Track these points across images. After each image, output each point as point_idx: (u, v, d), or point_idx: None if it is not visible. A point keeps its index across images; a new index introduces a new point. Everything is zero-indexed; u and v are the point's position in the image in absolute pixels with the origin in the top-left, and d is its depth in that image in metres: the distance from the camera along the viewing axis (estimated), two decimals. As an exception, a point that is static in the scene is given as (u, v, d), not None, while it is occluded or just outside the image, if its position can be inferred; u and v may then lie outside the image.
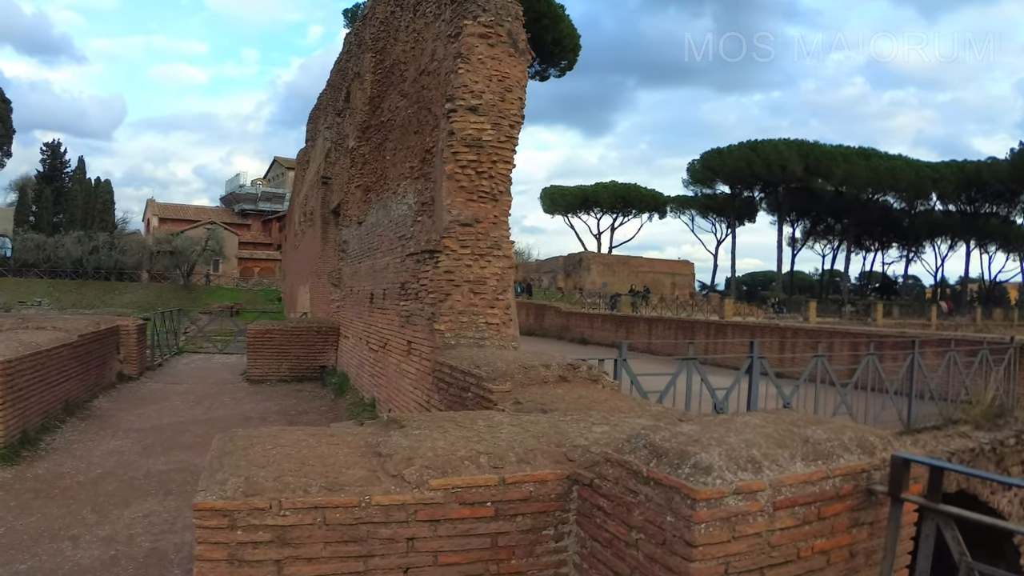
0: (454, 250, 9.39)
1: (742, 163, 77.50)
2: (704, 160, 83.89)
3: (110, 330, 15.78)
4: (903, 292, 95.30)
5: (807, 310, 51.92)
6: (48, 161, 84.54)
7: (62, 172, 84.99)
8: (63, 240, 70.73)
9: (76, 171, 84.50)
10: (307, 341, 17.50)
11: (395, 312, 11.46)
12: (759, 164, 76.18)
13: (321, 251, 24.37)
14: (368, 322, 13.82)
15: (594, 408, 5.90)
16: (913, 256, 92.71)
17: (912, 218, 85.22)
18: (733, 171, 79.38)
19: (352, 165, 17.29)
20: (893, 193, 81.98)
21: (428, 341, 9.38)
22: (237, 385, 16.99)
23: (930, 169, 78.90)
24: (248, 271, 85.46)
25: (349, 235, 17.23)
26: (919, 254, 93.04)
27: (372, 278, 13.72)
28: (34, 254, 70.23)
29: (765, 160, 75.84)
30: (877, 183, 78.47)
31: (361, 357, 14.31)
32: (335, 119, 24.24)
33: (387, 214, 12.99)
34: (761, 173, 77.21)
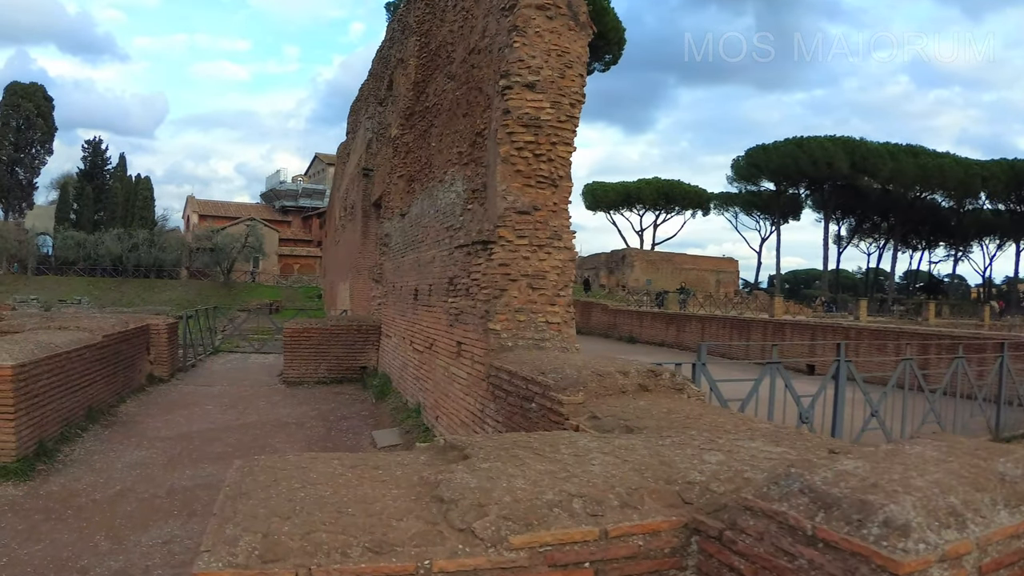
0: (510, 241, 8.42)
1: (788, 160, 75.79)
2: (749, 156, 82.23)
3: (139, 330, 14.99)
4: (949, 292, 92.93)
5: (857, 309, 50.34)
6: (89, 158, 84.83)
7: (103, 169, 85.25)
8: (103, 238, 70.85)
9: (117, 168, 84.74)
10: (347, 341, 16.63)
11: (442, 310, 10.49)
12: (805, 161, 74.41)
13: (362, 246, 23.50)
14: (412, 320, 12.87)
15: (691, 426, 4.88)
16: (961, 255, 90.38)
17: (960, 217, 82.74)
18: (778, 168, 77.69)
19: (395, 154, 16.40)
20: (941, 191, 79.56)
21: (481, 342, 8.39)
22: (273, 387, 16.14)
23: (979, 167, 76.44)
24: (288, 268, 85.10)
25: (391, 228, 16.31)
26: (967, 253, 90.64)
27: (417, 273, 12.76)
28: (74, 252, 70.42)
29: (811, 157, 74.06)
30: (925, 181, 76.21)
31: (404, 358, 13.36)
32: (377, 109, 23.43)
33: (433, 204, 12.04)
34: (807, 170, 75.46)
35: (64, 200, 79.45)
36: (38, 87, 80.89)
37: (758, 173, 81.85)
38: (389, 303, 15.88)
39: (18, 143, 78.40)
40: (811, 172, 75.72)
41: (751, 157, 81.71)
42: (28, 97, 78.67)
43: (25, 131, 78.71)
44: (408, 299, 13.39)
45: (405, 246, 14.29)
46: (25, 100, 78.13)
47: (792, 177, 78.84)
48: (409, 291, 13.34)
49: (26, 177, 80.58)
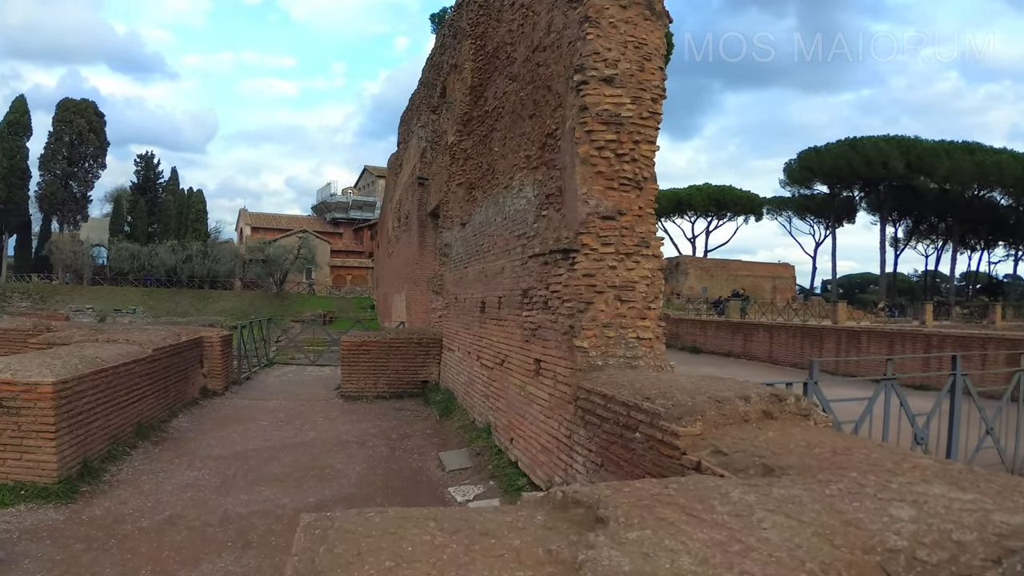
0: (594, 249, 7.69)
1: (841, 161, 74.05)
2: (801, 159, 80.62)
3: (192, 342, 14.46)
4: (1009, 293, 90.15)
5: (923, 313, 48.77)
6: (142, 172, 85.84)
7: (156, 183, 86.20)
8: (157, 249, 71.59)
9: (169, 182, 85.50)
10: (406, 354, 15.97)
11: (515, 324, 9.77)
12: (859, 162, 72.57)
13: (418, 256, 22.90)
14: (479, 334, 12.17)
15: (844, 464, 4.09)
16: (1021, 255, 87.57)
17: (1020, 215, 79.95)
18: (832, 170, 75.96)
19: (452, 162, 15.76)
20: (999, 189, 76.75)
21: (566, 361, 7.65)
22: (331, 402, 15.52)
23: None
24: (340, 279, 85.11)
25: (451, 238, 15.65)
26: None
27: (483, 284, 12.07)
28: (129, 263, 71.21)
29: (865, 158, 72.15)
30: (982, 179, 73.42)
31: (471, 374, 12.66)
32: (430, 117, 22.91)
33: (499, 211, 11.35)
34: (861, 171, 73.52)
35: (118, 213, 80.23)
36: (89, 103, 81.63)
37: (811, 176, 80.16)
38: (451, 315, 15.21)
39: (71, 158, 79.06)
40: (865, 173, 73.85)
41: (804, 160, 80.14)
42: (80, 113, 79.41)
43: (78, 146, 79.31)
44: (473, 312, 12.71)
45: (468, 256, 13.62)
46: (77, 116, 78.87)
47: (846, 179, 77.08)
48: (474, 303, 12.65)
49: (80, 191, 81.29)
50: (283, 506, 8.32)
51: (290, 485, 9.22)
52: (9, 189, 71.99)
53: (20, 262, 76.68)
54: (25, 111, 75.84)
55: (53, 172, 78.03)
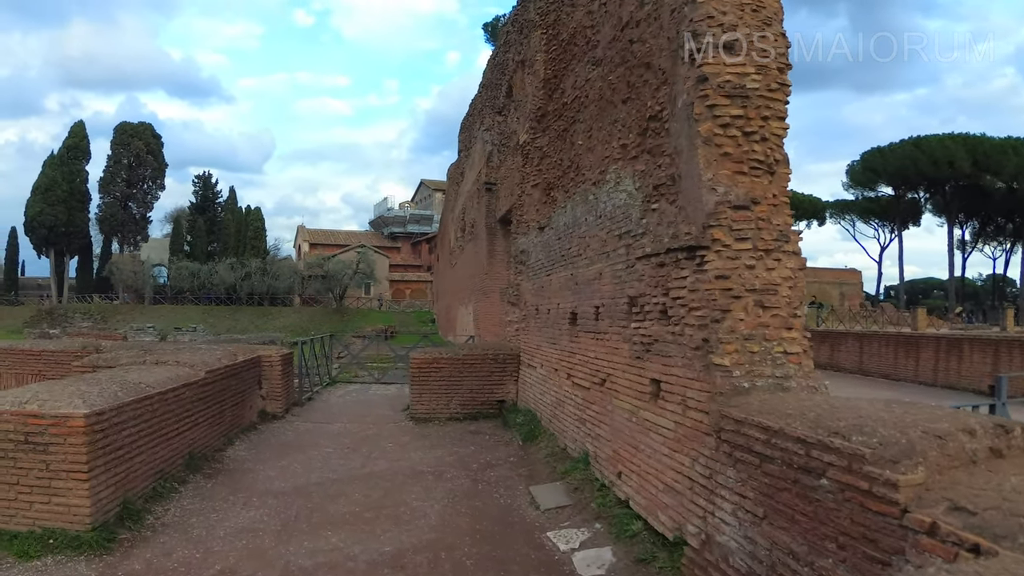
0: (727, 245, 6.37)
1: (906, 161, 71.22)
2: (865, 161, 78.11)
3: (249, 362, 13.31)
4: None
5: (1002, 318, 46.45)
6: (200, 192, 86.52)
7: (214, 202, 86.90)
8: (216, 267, 72.09)
9: (228, 201, 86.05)
10: (481, 371, 14.67)
11: (620, 337, 8.42)
12: (924, 162, 69.67)
13: (487, 266, 21.68)
14: (569, 350, 10.83)
15: None
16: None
17: (1093, 214, 76.31)
18: (897, 170, 73.23)
19: (525, 162, 14.58)
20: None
21: (699, 382, 6.29)
22: (400, 424, 14.27)
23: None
24: (400, 293, 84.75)
25: (527, 244, 14.39)
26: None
27: (572, 293, 10.75)
28: (188, 281, 71.85)
29: (931, 157, 69.19)
30: (1053, 176, 70.12)
31: (559, 394, 11.33)
32: (495, 119, 21.82)
33: (590, 210, 10.06)
34: (927, 171, 70.51)
35: (177, 232, 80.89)
36: (146, 126, 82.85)
37: (875, 177, 77.67)
38: (530, 328, 13.91)
39: (130, 180, 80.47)
40: (931, 173, 70.89)
41: (867, 161, 77.69)
42: (137, 136, 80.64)
43: (136, 168, 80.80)
44: (560, 324, 11.40)
45: (550, 263, 12.34)
46: (135, 139, 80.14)
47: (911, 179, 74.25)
48: (561, 315, 11.35)
49: (139, 212, 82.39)
50: (354, 557, 7.05)
51: (361, 528, 7.97)
52: (69, 212, 72.92)
53: (82, 283, 77.74)
54: (84, 136, 77.09)
55: (113, 194, 79.54)
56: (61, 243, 74.11)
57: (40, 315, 63.80)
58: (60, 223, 72.12)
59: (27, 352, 15.08)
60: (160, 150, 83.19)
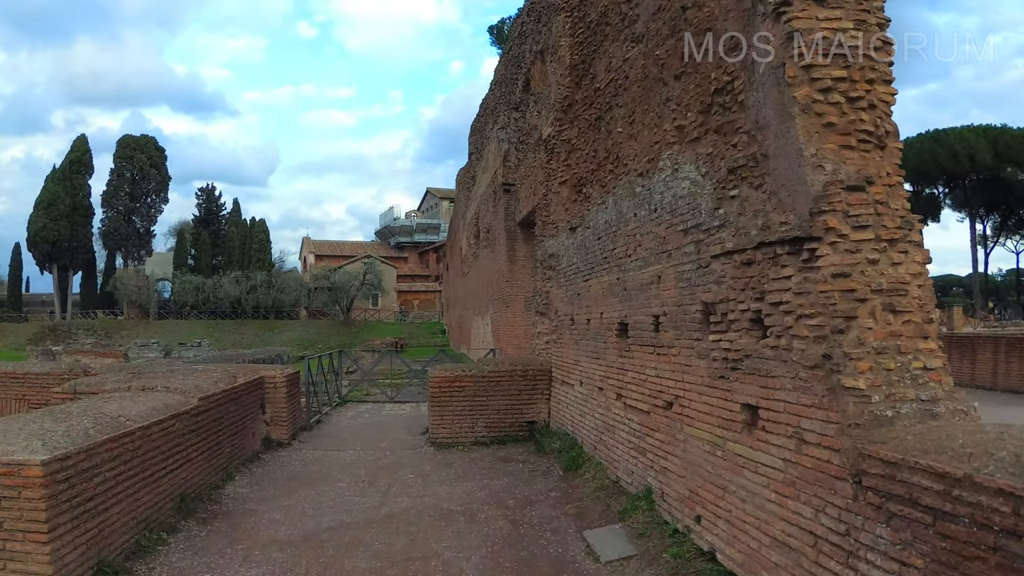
0: (843, 235, 5.01)
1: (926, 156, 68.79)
2: (883, 157, 76.18)
3: (250, 385, 11.90)
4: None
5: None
6: (204, 205, 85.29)
7: (218, 215, 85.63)
8: (221, 281, 70.74)
9: (232, 213, 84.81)
10: (509, 390, 13.20)
11: (691, 352, 6.99)
12: (944, 156, 67.38)
13: (507, 273, 20.23)
14: (619, 366, 9.39)
15: None
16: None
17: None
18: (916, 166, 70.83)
19: (550, 158, 13.25)
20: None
21: (823, 410, 4.84)
22: (419, 451, 12.82)
23: None
24: (408, 304, 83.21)
25: (556, 247, 13.00)
26: None
27: (620, 300, 9.33)
28: (193, 295, 70.53)
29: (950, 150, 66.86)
30: (1077, 166, 67.91)
31: (606, 417, 9.90)
32: (511, 116, 20.56)
33: (640, 203, 8.67)
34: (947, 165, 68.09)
35: (181, 246, 79.53)
36: (149, 139, 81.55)
37: (894, 174, 75.62)
38: (564, 341, 12.48)
39: (133, 193, 79.13)
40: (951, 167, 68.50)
41: (885, 157, 75.64)
42: (140, 149, 79.39)
43: (139, 182, 79.48)
44: (605, 336, 9.97)
45: (588, 267, 10.95)
46: (138, 152, 78.86)
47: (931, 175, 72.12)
48: (605, 325, 9.93)
49: (143, 226, 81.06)
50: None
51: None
52: (72, 227, 71.93)
53: (86, 299, 76.65)
54: (86, 150, 76.15)
55: (116, 208, 78.37)
56: (64, 258, 73.03)
57: (44, 332, 62.50)
58: (63, 238, 71.04)
59: (9, 375, 13.82)
60: (163, 163, 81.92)
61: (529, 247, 19.03)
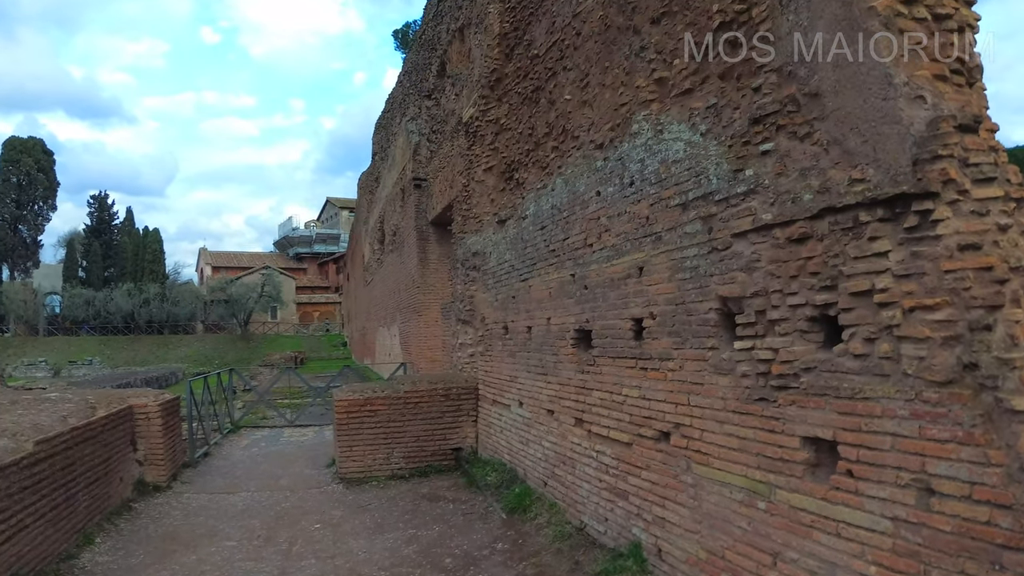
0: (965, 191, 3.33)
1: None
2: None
3: (115, 417, 9.66)
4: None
5: None
6: (95, 214, 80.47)
7: (111, 225, 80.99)
8: (112, 294, 66.80)
9: (125, 223, 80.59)
10: (428, 412, 11.22)
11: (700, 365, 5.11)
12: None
13: (419, 277, 18.19)
14: (577, 383, 7.46)
15: None
16: None
17: None
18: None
19: (473, 143, 11.53)
20: None
21: (978, 446, 3.08)
22: (326, 489, 10.73)
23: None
24: (308, 316, 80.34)
25: (482, 243, 11.15)
26: None
27: (578, 300, 7.44)
28: (83, 310, 66.59)
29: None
30: None
31: (560, 446, 8.01)
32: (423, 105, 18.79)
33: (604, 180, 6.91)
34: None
35: (71, 257, 75.03)
36: (36, 141, 76.58)
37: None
38: (495, 353, 10.56)
39: (20, 200, 74.14)
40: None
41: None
42: (27, 152, 74.49)
43: (26, 188, 74.50)
44: (554, 346, 8.10)
45: (526, 263, 9.11)
46: (24, 155, 73.99)
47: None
48: (555, 334, 8.06)
49: (30, 235, 76.21)
50: None
51: None
52: (-49, 235, 66.87)
53: (-31, 314, 71.32)
54: (-30, 151, 70.77)
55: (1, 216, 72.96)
56: (-56, 269, 68.16)
57: (-79, 351, 57.89)
58: (-58, 247, 66.29)
59: None
60: (52, 168, 77.12)
61: (444, 248, 17.21)
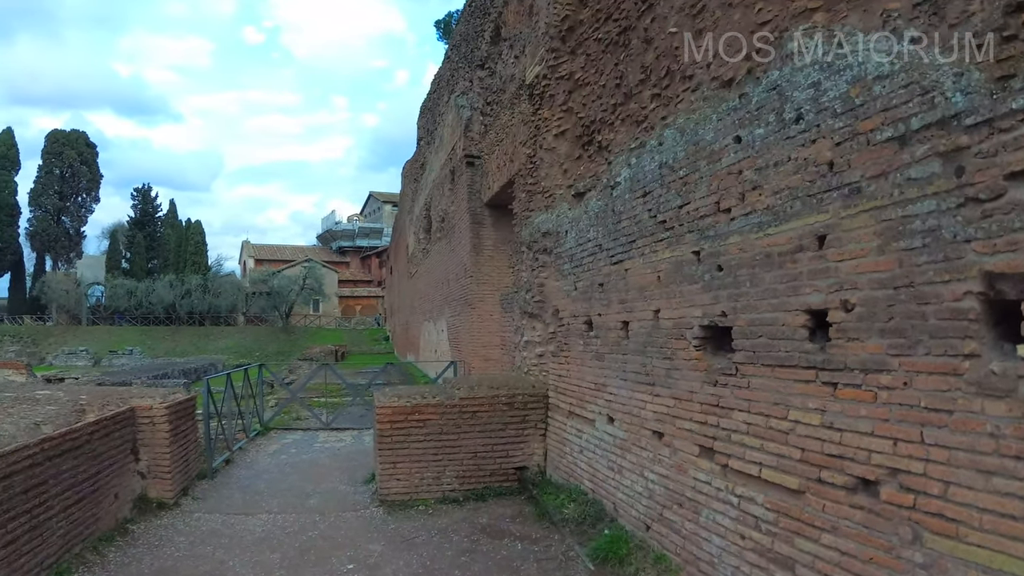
0: None
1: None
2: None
3: (109, 422, 7.88)
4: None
5: None
6: (139, 206, 79.88)
7: (154, 217, 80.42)
8: (154, 285, 66.29)
9: (168, 215, 79.93)
10: (489, 424, 9.31)
11: (950, 383, 3.20)
12: None
13: (472, 265, 16.22)
14: (705, 399, 5.48)
15: None
16: None
17: None
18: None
19: (540, 107, 9.74)
20: None
21: None
22: (363, 513, 8.89)
23: None
24: (350, 310, 79.29)
25: (554, 221, 9.26)
26: None
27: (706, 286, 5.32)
28: (125, 300, 66.11)
29: None
30: None
31: (674, 481, 6.10)
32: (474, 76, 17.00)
33: (750, 119, 5.02)
34: None
35: (114, 248, 74.70)
36: (80, 134, 75.89)
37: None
38: (574, 354, 8.58)
39: (63, 192, 73.64)
40: None
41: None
42: (70, 144, 73.83)
43: (69, 179, 74.04)
44: (668, 348, 6.04)
45: (621, 241, 7.17)
46: (67, 148, 73.32)
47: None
48: (668, 330, 6.04)
49: (73, 226, 75.58)
50: None
51: None
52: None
53: (14, 303, 71.62)
54: (12, 144, 70.90)
55: (44, 207, 73.05)
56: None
57: (-34, 339, 57.31)
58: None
59: None
60: (95, 160, 76.40)
61: (500, 232, 15.39)
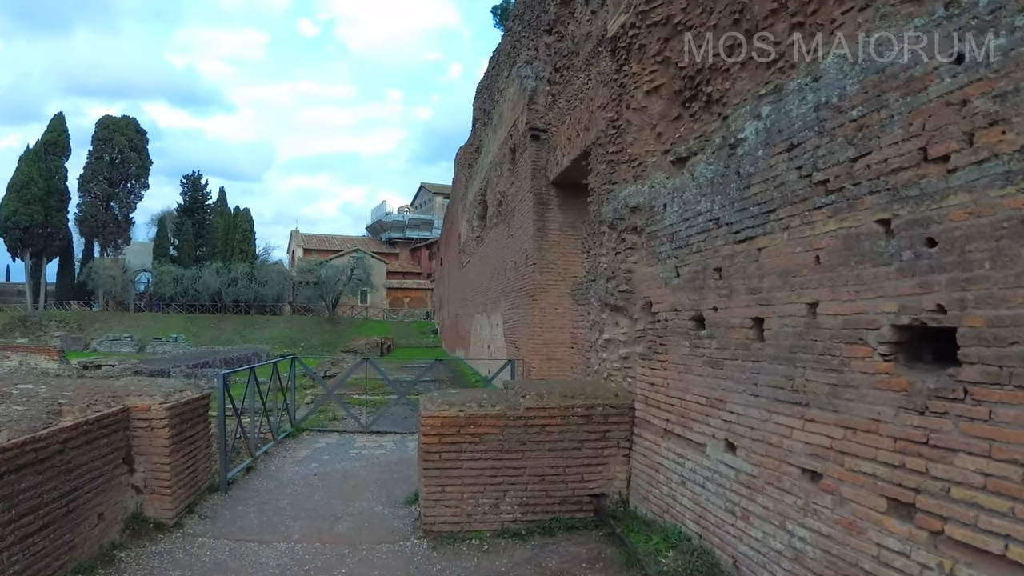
0: None
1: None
2: None
3: (92, 426, 6.26)
4: None
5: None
6: (188, 193, 79.47)
7: (203, 204, 79.93)
8: (201, 272, 65.99)
9: (217, 203, 79.33)
10: (560, 441, 7.54)
11: None
12: None
13: (535, 251, 14.36)
14: (904, 433, 3.50)
15: None
16: None
17: None
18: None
19: (625, 63, 8.09)
20: None
21: None
22: (401, 547, 7.18)
23: None
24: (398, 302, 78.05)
25: (651, 194, 7.48)
26: None
27: (899, 269, 3.54)
28: (171, 287, 65.95)
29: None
30: None
31: (850, 548, 4.20)
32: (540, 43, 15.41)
33: (987, 25, 3.30)
34: None
35: (162, 235, 74.29)
36: (130, 120, 75.67)
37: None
38: (673, 357, 6.81)
39: (112, 178, 73.57)
40: None
41: None
42: (120, 131, 73.71)
43: (119, 166, 73.92)
44: (833, 356, 4.19)
45: (751, 212, 5.42)
46: (117, 134, 73.24)
47: None
48: (833, 331, 4.22)
49: (122, 213, 75.36)
50: None
51: None
52: (46, 212, 66.76)
53: (62, 288, 71.89)
54: (63, 130, 70.83)
55: (93, 193, 73.21)
56: (38, 245, 67.58)
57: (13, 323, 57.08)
58: (36, 223, 65.59)
59: None
60: (144, 147, 76.22)
61: (568, 215, 13.76)
